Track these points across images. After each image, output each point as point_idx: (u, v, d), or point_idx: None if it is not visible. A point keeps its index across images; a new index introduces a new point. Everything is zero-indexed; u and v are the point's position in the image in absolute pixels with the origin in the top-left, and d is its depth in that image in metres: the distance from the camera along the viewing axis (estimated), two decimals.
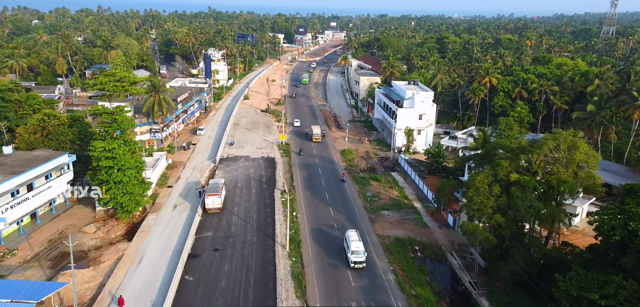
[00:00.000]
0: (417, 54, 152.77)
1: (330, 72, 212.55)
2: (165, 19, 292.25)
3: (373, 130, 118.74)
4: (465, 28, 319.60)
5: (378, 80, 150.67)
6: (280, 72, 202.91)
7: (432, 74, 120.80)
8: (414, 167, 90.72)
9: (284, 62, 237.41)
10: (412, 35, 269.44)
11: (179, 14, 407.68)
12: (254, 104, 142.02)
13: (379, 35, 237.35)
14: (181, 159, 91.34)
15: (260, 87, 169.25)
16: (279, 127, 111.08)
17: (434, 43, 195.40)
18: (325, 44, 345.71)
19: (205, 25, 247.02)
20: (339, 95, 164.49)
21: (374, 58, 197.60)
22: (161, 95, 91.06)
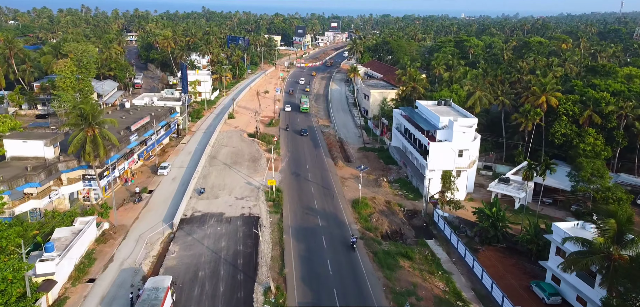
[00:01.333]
0: (439, 61, 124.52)
1: (332, 79, 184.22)
2: (149, 20, 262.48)
3: (392, 165, 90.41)
4: (478, 29, 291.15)
5: (392, 95, 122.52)
6: (274, 81, 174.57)
7: (468, 91, 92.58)
8: (458, 230, 62.71)
9: (280, 68, 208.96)
10: (422, 37, 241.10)
11: (170, 15, 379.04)
12: (240, 125, 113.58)
13: (387, 37, 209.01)
14: (125, 220, 63.12)
15: (250, 101, 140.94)
16: (270, 162, 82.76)
17: (452, 47, 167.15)
18: (325, 46, 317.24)
19: (193, 27, 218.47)
20: (345, 111, 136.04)
21: (384, 64, 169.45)
22: (96, 129, 62.78)
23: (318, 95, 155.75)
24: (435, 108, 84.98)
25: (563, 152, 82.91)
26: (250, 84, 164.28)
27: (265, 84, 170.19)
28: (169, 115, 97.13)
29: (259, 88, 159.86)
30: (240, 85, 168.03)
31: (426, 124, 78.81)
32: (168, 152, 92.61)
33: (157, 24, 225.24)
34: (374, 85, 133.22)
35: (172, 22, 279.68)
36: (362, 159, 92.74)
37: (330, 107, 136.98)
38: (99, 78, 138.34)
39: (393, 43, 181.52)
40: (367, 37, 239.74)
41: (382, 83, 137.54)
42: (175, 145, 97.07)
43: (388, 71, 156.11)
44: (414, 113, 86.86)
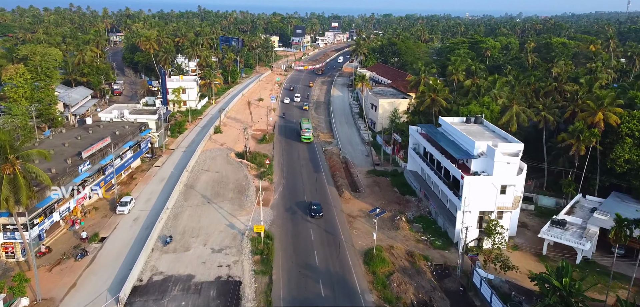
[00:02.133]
0: (458, 66, 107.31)
1: (334, 84, 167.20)
2: (138, 19, 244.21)
3: (410, 195, 73.32)
4: (487, 29, 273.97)
5: (404, 105, 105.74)
6: (270, 86, 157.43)
7: (503, 105, 75.54)
8: (510, 302, 45.78)
9: (276, 72, 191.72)
10: (428, 38, 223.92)
11: (163, 14, 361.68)
12: (228, 141, 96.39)
13: (393, 38, 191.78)
14: (57, 289, 46.13)
15: (242, 110, 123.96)
16: (259, 195, 65.67)
17: (466, 48, 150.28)
18: (326, 46, 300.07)
19: (183, 27, 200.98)
20: (349, 123, 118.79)
21: (391, 68, 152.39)
22: (17, 165, 45.75)
23: (318, 104, 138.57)
24: (464, 127, 68.05)
25: (625, 181, 66.10)
26: (244, 90, 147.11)
27: (260, 90, 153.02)
28: (139, 132, 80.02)
29: (251, 95, 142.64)
30: (232, 91, 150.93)
31: (456, 149, 61.70)
32: (137, 179, 75.55)
33: (145, 23, 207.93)
34: (382, 94, 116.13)
35: (164, 21, 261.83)
36: (372, 187, 75.73)
37: (332, 118, 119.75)
38: (70, 85, 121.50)
39: (400, 44, 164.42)
40: (371, 37, 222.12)
41: (391, 91, 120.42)
42: (147, 169, 80.00)
43: (396, 76, 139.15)
44: (437, 133, 69.81)
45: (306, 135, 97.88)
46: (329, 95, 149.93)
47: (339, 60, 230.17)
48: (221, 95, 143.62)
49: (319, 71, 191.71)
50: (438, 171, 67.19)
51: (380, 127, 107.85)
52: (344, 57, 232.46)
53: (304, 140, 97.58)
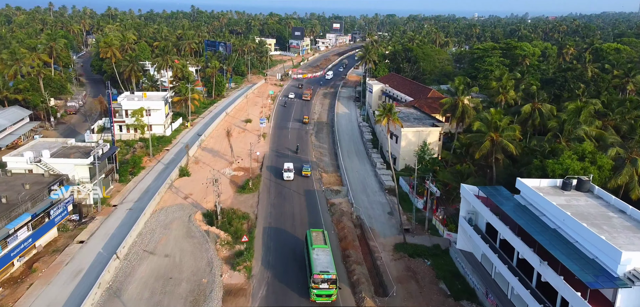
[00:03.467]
0: (506, 83, 79.44)
1: (338, 96, 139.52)
2: (115, 20, 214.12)
3: (464, 296, 45.60)
4: (506, 31, 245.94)
5: (434, 135, 78.30)
6: (262, 101, 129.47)
7: (616, 157, 47.87)
8: None
9: (271, 81, 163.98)
10: (443, 42, 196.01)
11: (153, 14, 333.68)
12: (196, 192, 68.34)
13: (406, 41, 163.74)
14: None
15: (221, 139, 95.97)
16: None
17: (499, 56, 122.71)
18: (327, 50, 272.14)
19: (166, 29, 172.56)
20: (360, 154, 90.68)
21: (408, 80, 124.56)
22: None
23: (320, 126, 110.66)
24: (565, 201, 40.47)
25: None
26: (229, 108, 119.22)
27: (249, 106, 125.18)
28: (49, 193, 52.30)
29: (237, 115, 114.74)
30: (216, 106, 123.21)
31: (576, 261, 33.71)
32: (39, 270, 47.89)
33: (121, 24, 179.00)
34: (403, 118, 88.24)
35: (152, 21, 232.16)
36: (406, 283, 47.98)
37: (338, 148, 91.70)
38: (3, 104, 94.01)
39: (417, 50, 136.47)
40: (375, 37, 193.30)
41: (415, 113, 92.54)
42: (63, 247, 52.29)
43: (417, 91, 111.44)
44: (512, 205, 42.21)
45: (306, 168, 77.73)
46: (332, 113, 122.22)
47: (340, 69, 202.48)
48: (202, 113, 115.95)
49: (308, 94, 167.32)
50: (519, 268, 39.57)
51: (403, 164, 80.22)
52: (349, 61, 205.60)
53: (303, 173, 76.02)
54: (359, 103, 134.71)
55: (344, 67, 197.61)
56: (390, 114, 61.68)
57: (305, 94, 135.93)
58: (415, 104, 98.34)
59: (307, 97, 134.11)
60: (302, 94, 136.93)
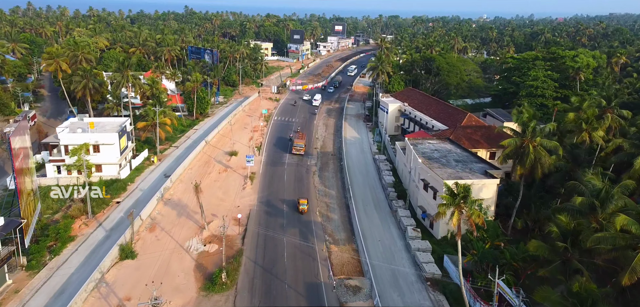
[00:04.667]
0: (589, 115, 55.73)
1: (345, 115, 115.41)
2: (95, 20, 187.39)
3: None
4: (527, 35, 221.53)
5: (489, 190, 54.42)
6: (252, 123, 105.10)
7: None
8: None
9: (265, 94, 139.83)
10: (461, 47, 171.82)
11: (141, 15, 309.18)
12: (141, 289, 44.33)
13: (425, 49, 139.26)
14: None
15: (196, 180, 71.80)
16: None
17: (544, 68, 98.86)
18: (329, 54, 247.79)
19: (142, 33, 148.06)
20: (381, 209, 65.97)
21: (432, 98, 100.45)
22: None
23: (325, 159, 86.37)
24: None
25: None
26: (211, 133, 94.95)
27: (237, 129, 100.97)
28: None
29: (220, 144, 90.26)
30: (196, 131, 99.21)
31: None
32: None
33: (93, 28, 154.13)
34: (439, 159, 64.09)
35: (142, 23, 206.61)
36: None
37: (351, 197, 67.53)
38: None
39: (439, 61, 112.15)
40: (389, 44, 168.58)
41: (453, 150, 68.34)
42: None
43: (446, 114, 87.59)
44: None
45: None
46: (339, 138, 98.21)
47: (348, 73, 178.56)
48: (177, 140, 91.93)
49: None
50: None
51: (445, 231, 56.21)
52: (353, 67, 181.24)
53: None
54: (371, 124, 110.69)
55: (348, 77, 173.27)
56: (465, 205, 37.11)
57: (296, 146, 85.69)
58: (451, 135, 74.22)
59: (299, 150, 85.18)
60: (293, 145, 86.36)
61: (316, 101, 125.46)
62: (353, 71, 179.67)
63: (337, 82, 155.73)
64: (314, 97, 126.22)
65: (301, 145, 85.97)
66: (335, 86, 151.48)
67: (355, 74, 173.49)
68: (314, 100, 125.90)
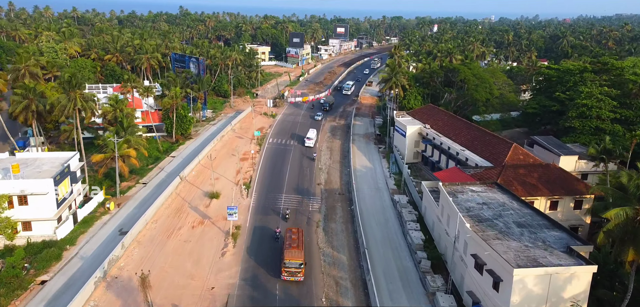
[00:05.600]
0: None
1: (352, 135, 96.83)
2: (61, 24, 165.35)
3: None
4: (547, 37, 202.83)
5: (582, 279, 35.34)
6: (243, 147, 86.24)
7: None
8: None
9: (260, 109, 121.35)
10: (479, 52, 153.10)
11: (129, 16, 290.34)
12: None
13: (441, 56, 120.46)
14: None
15: (158, 246, 53.20)
16: None
17: (594, 79, 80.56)
18: (330, 58, 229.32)
19: (119, 38, 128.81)
20: (412, 288, 47.55)
21: (462, 121, 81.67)
22: None
23: (331, 201, 67.63)
24: None
25: None
26: (189, 166, 76.26)
27: (222, 158, 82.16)
28: None
29: (195, 184, 71.13)
30: (172, 160, 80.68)
31: None
32: None
33: (66, 31, 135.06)
34: (486, 218, 45.50)
35: (118, 28, 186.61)
36: None
37: (367, 265, 48.67)
38: None
39: (465, 72, 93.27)
40: (404, 52, 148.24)
41: (511, 206, 49.51)
42: None
43: (482, 142, 69.32)
44: None
45: None
46: (347, 169, 79.75)
47: (343, 92, 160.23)
48: (146, 174, 73.50)
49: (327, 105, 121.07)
50: None
51: None
52: (350, 84, 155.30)
53: None
54: (383, 148, 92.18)
55: (355, 81, 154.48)
56: None
57: (288, 266, 46.13)
58: (499, 179, 55.60)
59: (294, 272, 46.29)
60: (284, 266, 46.33)
61: (316, 122, 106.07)
62: (350, 89, 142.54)
63: (328, 104, 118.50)
64: (307, 136, 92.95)
65: (295, 265, 45.89)
66: (326, 109, 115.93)
67: (351, 93, 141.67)
68: (312, 129, 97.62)
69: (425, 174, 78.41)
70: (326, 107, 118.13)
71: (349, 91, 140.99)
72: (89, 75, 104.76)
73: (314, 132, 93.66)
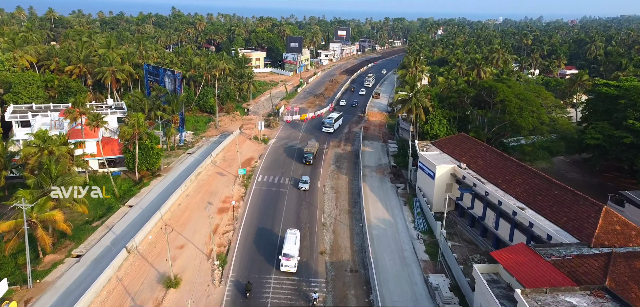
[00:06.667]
0: None
1: (363, 168, 76.53)
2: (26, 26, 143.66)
3: None
4: (572, 40, 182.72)
5: None
6: (225, 191, 65.92)
7: None
8: None
9: (250, 128, 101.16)
10: (504, 60, 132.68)
11: (120, 17, 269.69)
12: None
13: (464, 67, 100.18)
14: None
15: None
16: None
17: None
18: (331, 64, 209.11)
19: (81, 46, 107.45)
20: None
21: (508, 159, 61.28)
22: None
23: (340, 282, 47.55)
24: None
25: None
26: (140, 233, 55.78)
27: (193, 211, 61.87)
28: None
29: (149, 257, 50.37)
30: (124, 215, 60.49)
31: None
32: None
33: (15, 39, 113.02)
34: None
35: (87, 32, 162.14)
36: None
37: None
38: None
39: (505, 91, 72.89)
40: (426, 66, 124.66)
41: None
42: None
43: (549, 197, 49.33)
44: None
45: None
46: (359, 225, 59.68)
47: (361, 93, 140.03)
48: (86, 236, 53.39)
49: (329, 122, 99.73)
50: None
51: None
52: (333, 118, 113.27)
53: None
54: (402, 188, 72.20)
55: (357, 100, 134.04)
56: None
57: None
58: (608, 281, 35.36)
59: None
60: None
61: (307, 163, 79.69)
62: (330, 126, 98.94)
63: (312, 155, 79.34)
64: (302, 179, 70.79)
65: None
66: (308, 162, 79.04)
67: (334, 130, 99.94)
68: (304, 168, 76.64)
69: (465, 231, 58.44)
70: (310, 159, 78.99)
71: (330, 128, 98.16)
72: (38, 92, 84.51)
73: (315, 141, 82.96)
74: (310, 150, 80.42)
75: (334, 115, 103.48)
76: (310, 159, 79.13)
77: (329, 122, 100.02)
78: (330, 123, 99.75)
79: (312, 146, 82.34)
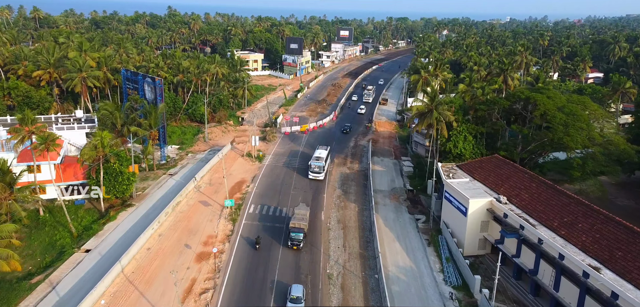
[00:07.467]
0: None
1: (374, 194, 63.72)
2: None
3: None
4: (594, 40, 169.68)
5: None
6: (208, 229, 53.07)
7: None
8: None
9: (243, 141, 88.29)
10: (526, 61, 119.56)
11: (113, 16, 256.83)
12: None
13: (491, 77, 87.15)
14: None
15: None
16: None
17: None
18: (333, 66, 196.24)
19: (53, 48, 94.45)
20: None
21: (561, 192, 48.26)
22: None
23: None
24: None
25: None
26: (99, 286, 43.16)
27: (167, 256, 49.04)
28: None
29: None
30: (82, 259, 47.71)
31: None
32: None
33: None
34: None
35: (63, 32, 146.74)
36: None
37: None
38: None
39: (547, 105, 60.04)
40: (448, 73, 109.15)
41: None
42: None
43: (628, 243, 36.14)
44: None
45: None
46: (375, 276, 46.94)
47: (366, 99, 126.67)
48: (17, 302, 40.51)
49: None
50: None
51: None
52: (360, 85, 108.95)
53: None
54: (423, 218, 59.48)
55: (363, 109, 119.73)
56: None
57: None
58: None
59: None
60: None
61: None
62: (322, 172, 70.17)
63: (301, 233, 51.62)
64: (295, 215, 54.15)
65: None
66: None
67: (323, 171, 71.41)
68: None
69: (510, 286, 45.52)
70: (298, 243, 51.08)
71: (320, 174, 69.76)
72: None
73: (305, 209, 55.86)
74: (299, 227, 51.55)
75: (322, 154, 72.20)
76: (298, 244, 50.28)
77: (319, 165, 69.70)
78: (321, 167, 69.56)
79: (301, 218, 52.90)
